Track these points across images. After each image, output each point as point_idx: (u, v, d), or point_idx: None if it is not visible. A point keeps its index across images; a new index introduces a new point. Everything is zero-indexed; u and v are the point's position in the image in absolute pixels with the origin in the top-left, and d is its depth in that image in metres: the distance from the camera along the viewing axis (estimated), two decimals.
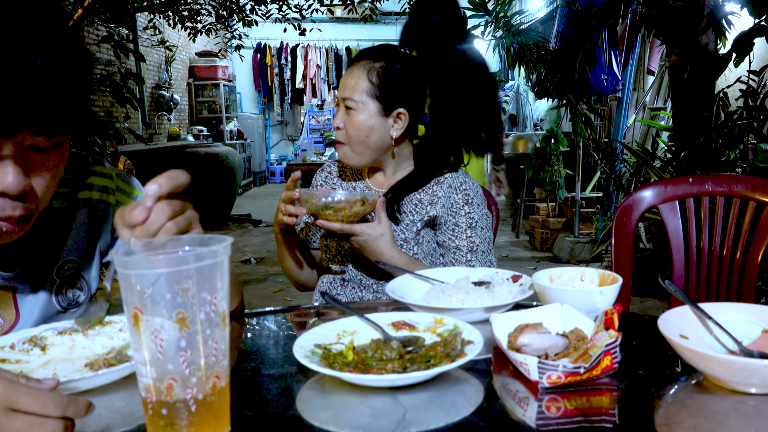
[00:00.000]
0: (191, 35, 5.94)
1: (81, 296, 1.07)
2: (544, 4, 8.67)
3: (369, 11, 5.73)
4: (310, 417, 0.72)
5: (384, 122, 1.45)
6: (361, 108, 1.43)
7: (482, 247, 1.47)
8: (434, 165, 1.54)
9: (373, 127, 1.44)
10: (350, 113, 1.45)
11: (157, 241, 0.73)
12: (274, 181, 12.32)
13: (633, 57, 5.42)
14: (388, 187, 1.54)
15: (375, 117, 1.44)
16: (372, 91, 1.43)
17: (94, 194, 1.08)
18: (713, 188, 1.64)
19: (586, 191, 5.74)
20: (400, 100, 1.46)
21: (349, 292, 1.51)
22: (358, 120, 1.44)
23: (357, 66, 1.46)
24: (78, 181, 1.07)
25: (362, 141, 1.45)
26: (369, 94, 1.43)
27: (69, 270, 1.05)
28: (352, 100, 1.44)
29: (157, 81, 8.88)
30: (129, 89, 3.82)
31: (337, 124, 1.47)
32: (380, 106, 1.44)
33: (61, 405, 0.58)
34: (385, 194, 1.49)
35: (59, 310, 1.04)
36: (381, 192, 1.52)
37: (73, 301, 1.05)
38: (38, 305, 1.01)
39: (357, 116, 1.44)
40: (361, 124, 1.44)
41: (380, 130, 1.45)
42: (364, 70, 1.45)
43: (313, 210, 1.28)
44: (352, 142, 1.46)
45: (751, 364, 0.71)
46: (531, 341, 0.83)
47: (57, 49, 0.78)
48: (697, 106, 3.26)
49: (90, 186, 1.08)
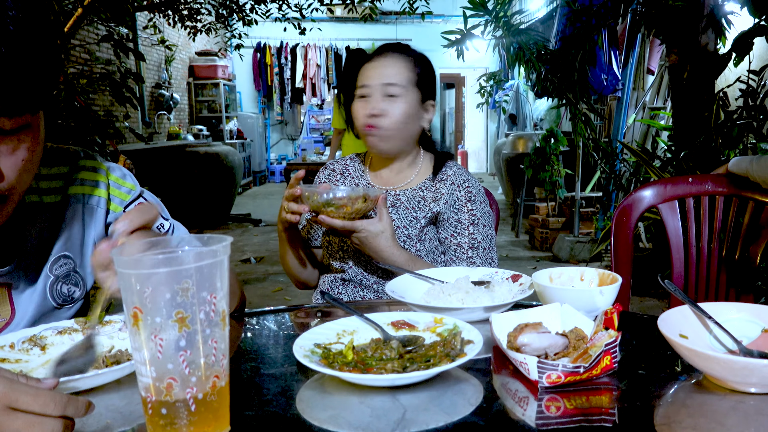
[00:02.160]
0: (191, 34, 5.93)
1: (76, 292, 1.07)
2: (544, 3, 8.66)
3: (369, 11, 5.72)
4: (309, 416, 0.72)
5: (420, 112, 1.51)
6: (405, 95, 1.47)
7: (484, 244, 1.48)
8: (439, 154, 1.60)
9: (413, 115, 1.49)
10: (393, 100, 1.46)
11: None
12: (273, 180, 12.32)
13: (633, 56, 5.42)
14: (392, 183, 1.56)
15: (416, 105, 1.49)
16: (415, 79, 1.48)
17: (86, 189, 1.08)
18: (713, 188, 1.65)
19: (586, 191, 5.75)
20: (432, 91, 1.53)
21: (349, 292, 1.51)
22: (402, 107, 1.46)
23: (390, 57, 1.49)
24: (70, 176, 1.07)
25: (400, 128, 1.47)
26: (412, 82, 1.48)
27: (63, 265, 1.05)
28: (398, 86, 1.46)
29: (157, 80, 8.88)
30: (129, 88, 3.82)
31: (376, 110, 1.45)
32: (420, 96, 1.50)
33: (60, 404, 0.58)
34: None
35: (54, 306, 1.04)
36: (384, 189, 1.53)
37: (69, 296, 1.05)
38: (33, 301, 1.01)
39: (401, 103, 1.46)
40: (405, 110, 1.46)
41: (417, 119, 1.51)
42: (402, 60, 1.49)
43: (315, 206, 1.28)
44: (391, 128, 1.46)
45: (751, 364, 0.71)
46: (531, 341, 0.83)
47: (18, 32, 0.75)
48: (697, 106, 3.25)
49: (82, 181, 1.08)
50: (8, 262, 0.98)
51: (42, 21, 0.79)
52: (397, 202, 1.52)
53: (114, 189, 1.11)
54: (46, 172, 1.04)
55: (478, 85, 9.07)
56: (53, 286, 1.04)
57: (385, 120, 1.45)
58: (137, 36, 7.53)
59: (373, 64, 1.49)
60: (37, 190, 1.03)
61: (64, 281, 1.05)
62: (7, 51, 0.74)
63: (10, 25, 0.75)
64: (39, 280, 1.02)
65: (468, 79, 13.68)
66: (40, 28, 0.78)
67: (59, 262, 1.04)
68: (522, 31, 3.56)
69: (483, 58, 11.19)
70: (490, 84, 9.03)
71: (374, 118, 1.45)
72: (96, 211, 1.09)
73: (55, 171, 1.05)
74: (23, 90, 0.78)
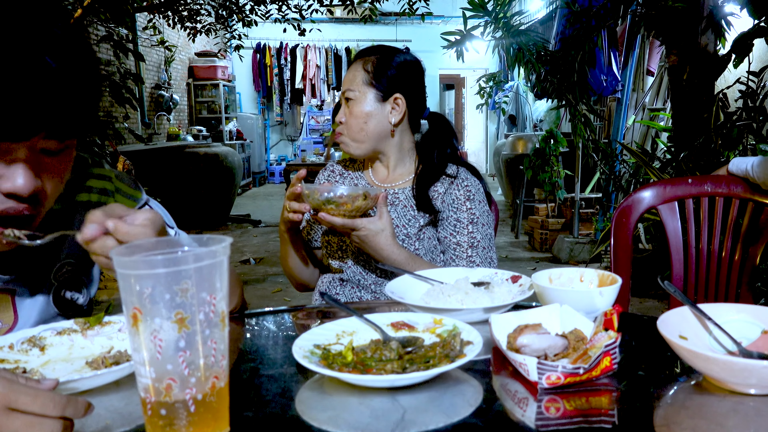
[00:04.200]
0: (191, 35, 5.94)
1: (80, 298, 1.07)
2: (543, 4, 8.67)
3: (368, 11, 5.73)
4: (309, 417, 0.72)
5: (382, 108, 1.51)
6: (359, 97, 1.50)
7: (483, 243, 1.48)
8: (441, 155, 1.57)
9: (371, 113, 1.50)
10: (350, 104, 1.51)
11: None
12: (273, 181, 12.32)
13: (632, 58, 5.42)
14: (390, 182, 1.57)
15: (372, 103, 1.50)
16: (367, 79, 1.50)
17: (93, 196, 1.08)
18: (712, 189, 1.65)
19: (586, 192, 5.75)
20: (396, 85, 1.51)
21: (348, 293, 1.51)
22: (357, 109, 1.50)
23: (355, 63, 1.55)
24: (77, 183, 1.07)
25: (361, 128, 1.50)
26: (365, 82, 1.50)
27: (67, 272, 1.05)
28: (351, 90, 1.51)
29: (157, 81, 8.88)
30: (128, 89, 3.82)
31: (339, 119, 1.53)
32: (377, 93, 1.50)
33: (60, 405, 0.58)
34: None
35: (57, 313, 1.04)
36: (383, 188, 1.53)
37: (72, 303, 1.05)
38: (36, 308, 1.01)
39: (356, 105, 1.50)
40: (359, 111, 1.50)
41: (378, 116, 1.51)
42: (360, 63, 1.53)
43: (315, 204, 1.29)
44: (352, 131, 1.51)
45: (751, 365, 0.71)
46: (530, 342, 0.83)
47: (69, 51, 0.79)
48: (697, 107, 3.26)
49: (89, 188, 1.08)
50: (12, 269, 0.98)
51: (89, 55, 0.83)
52: (396, 201, 1.52)
53: (120, 197, 1.11)
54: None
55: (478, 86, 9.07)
56: (57, 292, 1.03)
57: (344, 127, 1.53)
58: (137, 37, 7.53)
59: (345, 75, 1.57)
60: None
61: (68, 288, 1.05)
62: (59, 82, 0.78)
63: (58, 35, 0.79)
64: (43, 287, 1.02)
65: (468, 80, 13.69)
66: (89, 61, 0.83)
67: (63, 269, 1.04)
68: (522, 32, 3.56)
69: (483, 59, 11.19)
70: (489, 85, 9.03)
71: (339, 126, 1.54)
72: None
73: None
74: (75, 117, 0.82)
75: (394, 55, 1.53)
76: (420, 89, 1.57)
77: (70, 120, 0.81)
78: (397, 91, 1.51)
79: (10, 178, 0.81)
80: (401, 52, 1.55)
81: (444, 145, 1.59)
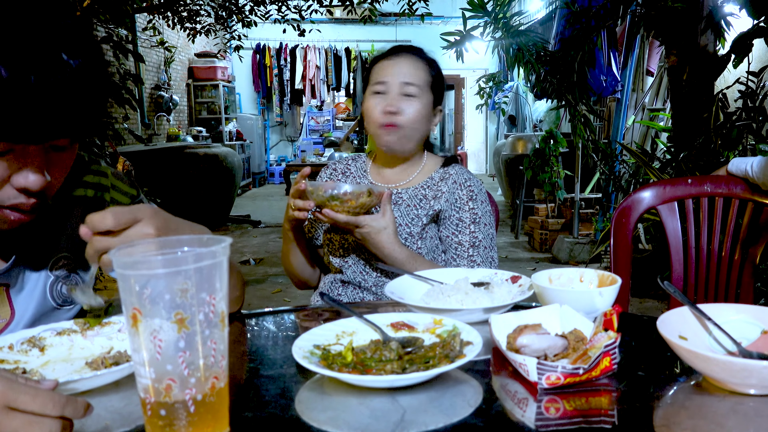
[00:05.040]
0: (190, 36, 5.94)
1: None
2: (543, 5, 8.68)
3: (368, 12, 5.73)
4: (308, 418, 0.72)
5: (430, 115, 1.52)
6: (421, 96, 1.48)
7: (485, 243, 1.48)
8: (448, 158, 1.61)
9: (426, 117, 1.50)
10: (410, 100, 1.46)
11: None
12: (273, 182, 12.32)
13: (632, 58, 5.43)
14: (394, 182, 1.57)
15: (428, 108, 1.50)
16: (430, 82, 1.50)
17: (89, 192, 1.09)
18: (712, 189, 1.65)
19: (586, 192, 5.75)
20: (441, 97, 1.55)
21: (348, 293, 1.51)
22: (418, 107, 1.47)
23: (407, 57, 1.50)
24: (74, 178, 1.08)
25: (416, 128, 1.48)
26: (428, 84, 1.49)
27: (64, 266, 1.05)
28: (416, 86, 1.47)
29: (157, 82, 8.88)
30: (128, 90, 3.82)
31: (396, 107, 1.44)
32: (433, 99, 1.51)
33: (59, 404, 0.58)
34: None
35: (54, 306, 1.04)
36: (387, 188, 1.53)
37: (69, 297, 1.05)
38: (33, 301, 1.01)
39: (418, 104, 1.47)
40: (419, 111, 1.47)
41: (428, 122, 1.52)
42: (419, 61, 1.50)
43: (320, 201, 1.29)
44: (408, 128, 1.47)
45: (750, 365, 0.71)
46: (530, 342, 0.83)
47: (82, 47, 0.80)
48: (696, 107, 3.26)
49: (85, 184, 1.09)
50: (5, 262, 0.98)
51: (98, 57, 0.85)
52: (399, 200, 1.53)
53: (116, 193, 1.12)
54: None
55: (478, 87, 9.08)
56: (53, 286, 1.04)
57: (401, 118, 1.45)
58: (136, 37, 7.52)
59: (390, 62, 1.49)
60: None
61: (65, 281, 1.05)
62: (77, 82, 0.80)
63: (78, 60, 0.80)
64: (39, 280, 1.02)
65: (467, 80, 13.69)
66: (99, 64, 0.85)
67: (60, 263, 1.05)
68: (521, 33, 3.56)
69: (482, 60, 11.20)
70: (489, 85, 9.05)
71: (391, 116, 1.44)
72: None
73: None
74: (87, 115, 0.84)
75: (438, 65, 1.55)
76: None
77: (85, 119, 0.83)
78: (440, 102, 1.55)
79: (23, 175, 0.84)
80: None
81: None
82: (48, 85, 0.76)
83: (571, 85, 3.57)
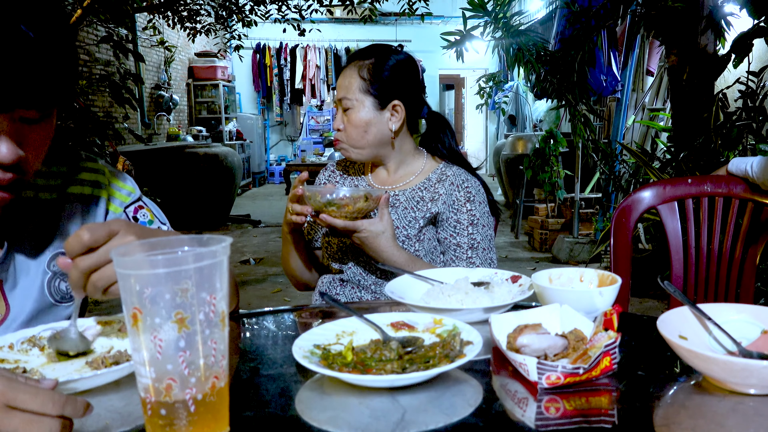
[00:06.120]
0: (190, 36, 5.94)
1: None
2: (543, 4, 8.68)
3: (368, 12, 5.72)
4: (309, 417, 0.72)
5: (380, 116, 1.49)
6: (357, 105, 1.48)
7: (483, 244, 1.48)
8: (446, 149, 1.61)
9: (370, 122, 1.48)
10: (348, 113, 1.49)
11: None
12: (273, 181, 12.32)
13: (632, 58, 5.43)
14: (391, 183, 1.57)
15: (371, 112, 1.48)
16: (365, 87, 1.48)
17: (86, 189, 1.09)
18: (712, 189, 1.65)
19: (586, 192, 5.75)
20: (394, 92, 1.50)
21: (348, 293, 1.51)
22: (356, 117, 1.48)
23: (349, 67, 1.52)
24: (70, 175, 1.08)
25: (361, 137, 1.49)
26: (362, 90, 1.48)
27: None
28: (348, 99, 1.48)
29: (157, 81, 8.88)
30: (128, 89, 3.82)
31: (338, 126, 1.51)
32: (375, 101, 1.48)
33: (59, 404, 0.58)
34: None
35: (53, 302, 1.04)
36: (384, 189, 1.53)
37: (67, 293, 1.05)
38: (31, 297, 1.01)
39: (354, 114, 1.48)
40: (359, 121, 1.48)
41: (378, 124, 1.49)
42: (355, 69, 1.50)
43: (317, 206, 1.29)
44: (352, 140, 1.50)
45: (750, 365, 0.71)
46: (530, 342, 0.83)
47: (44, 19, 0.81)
48: (697, 107, 3.26)
49: (81, 181, 1.09)
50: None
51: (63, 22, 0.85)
52: (396, 203, 1.53)
53: (114, 190, 1.12)
54: (45, 169, 1.05)
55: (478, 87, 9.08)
56: (51, 282, 1.04)
57: (343, 134, 1.51)
58: (137, 37, 7.53)
59: (339, 78, 1.54)
60: (34, 186, 1.03)
61: (63, 278, 1.05)
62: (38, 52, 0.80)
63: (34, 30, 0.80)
64: (36, 277, 1.02)
65: (467, 80, 13.70)
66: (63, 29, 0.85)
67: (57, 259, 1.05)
68: (521, 33, 3.56)
69: (482, 60, 11.20)
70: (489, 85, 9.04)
71: (338, 133, 1.52)
72: (95, 211, 1.09)
73: (54, 169, 1.07)
74: (55, 86, 0.84)
75: (388, 57, 1.50)
76: (417, 90, 1.56)
77: (50, 89, 0.83)
78: (395, 97, 1.49)
79: None
80: (395, 52, 1.53)
81: (444, 143, 1.61)
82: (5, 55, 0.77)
83: (571, 84, 3.57)
